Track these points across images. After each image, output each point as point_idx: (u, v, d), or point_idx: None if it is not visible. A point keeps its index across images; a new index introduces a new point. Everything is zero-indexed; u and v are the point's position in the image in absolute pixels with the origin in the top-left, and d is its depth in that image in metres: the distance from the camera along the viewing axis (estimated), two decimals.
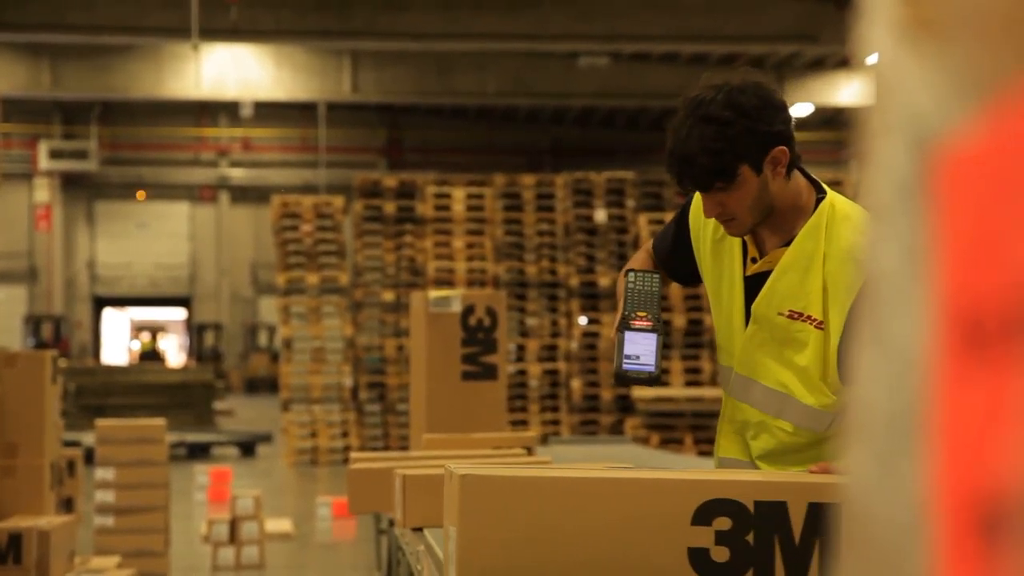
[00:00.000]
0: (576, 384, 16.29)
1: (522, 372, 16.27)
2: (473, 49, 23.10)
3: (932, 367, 0.48)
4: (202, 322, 35.19)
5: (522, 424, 15.94)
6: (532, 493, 2.24)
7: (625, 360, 2.88)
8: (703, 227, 3.14)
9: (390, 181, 17.02)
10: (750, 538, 1.81)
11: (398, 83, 25.74)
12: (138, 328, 38.53)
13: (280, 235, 16.95)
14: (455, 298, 6.80)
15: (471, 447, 5.98)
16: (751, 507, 1.80)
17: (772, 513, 1.78)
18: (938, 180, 0.49)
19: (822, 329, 2.90)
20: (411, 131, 32.37)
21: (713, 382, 15.58)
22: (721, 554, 1.82)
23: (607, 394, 16.10)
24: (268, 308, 33.50)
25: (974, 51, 0.49)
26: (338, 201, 17.23)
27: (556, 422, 16.13)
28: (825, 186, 3.02)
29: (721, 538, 1.82)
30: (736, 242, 3.07)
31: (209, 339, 34.81)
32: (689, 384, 15.92)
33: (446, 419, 6.75)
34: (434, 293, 6.85)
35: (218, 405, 21.39)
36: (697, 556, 1.81)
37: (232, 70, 25.16)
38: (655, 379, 2.89)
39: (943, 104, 0.50)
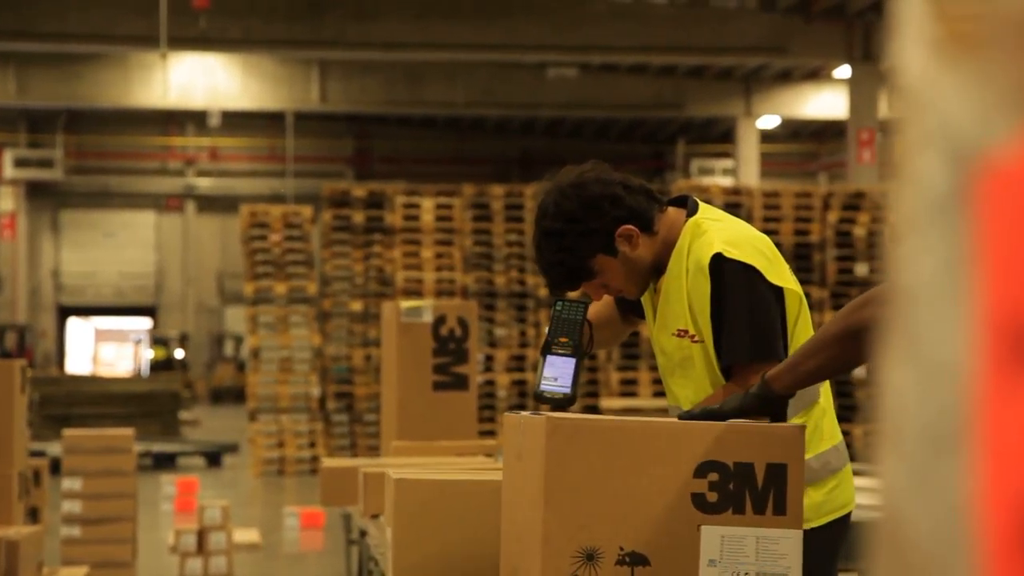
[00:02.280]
0: None
1: (490, 382, 16.26)
2: (442, 59, 23.11)
3: (974, 378, 0.49)
4: (163, 335, 35.02)
5: (490, 434, 15.92)
6: (462, 495, 2.75)
7: (544, 381, 3.14)
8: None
9: (359, 191, 17.00)
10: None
11: (367, 93, 25.72)
12: (128, 339, 38.27)
13: (248, 244, 16.90)
14: (427, 308, 6.80)
15: (435, 454, 6.17)
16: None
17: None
18: (977, 194, 0.50)
19: (698, 342, 3.11)
20: (379, 141, 32.34)
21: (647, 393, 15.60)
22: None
23: (575, 405, 16.10)
24: (234, 318, 33.38)
25: (1011, 67, 0.50)
26: (307, 211, 17.19)
27: None
28: (699, 202, 3.24)
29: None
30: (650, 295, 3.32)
31: (171, 350, 34.64)
32: (657, 395, 15.96)
33: (417, 428, 6.74)
34: (406, 303, 6.84)
35: (183, 415, 21.29)
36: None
37: (200, 79, 25.09)
38: (570, 400, 3.13)
39: (981, 119, 0.51)
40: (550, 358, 3.16)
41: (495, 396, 16.22)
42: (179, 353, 34.90)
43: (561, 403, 3.13)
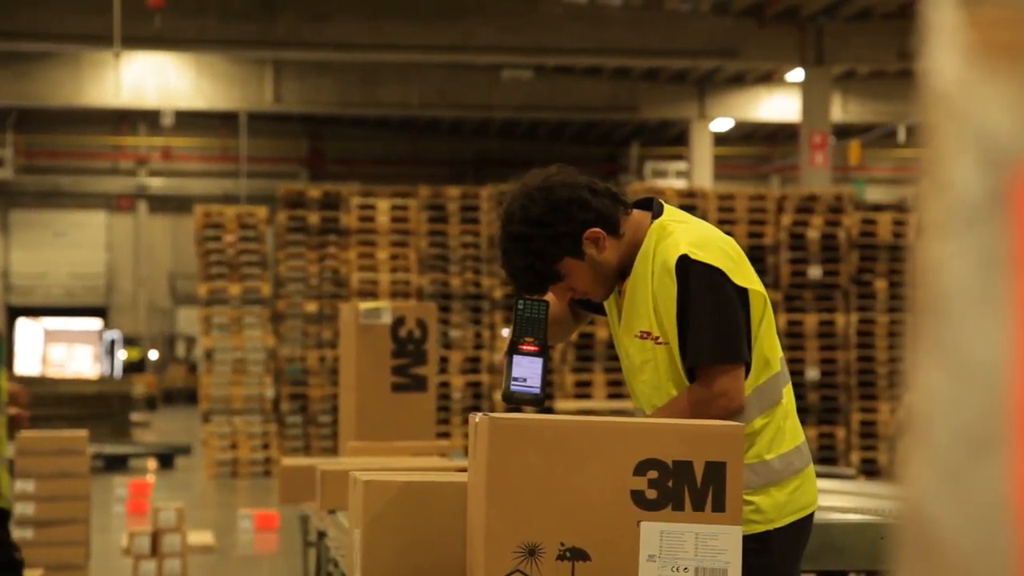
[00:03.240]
0: (499, 396, 16.29)
1: (445, 384, 16.25)
2: (397, 60, 23.08)
3: (1013, 380, 0.49)
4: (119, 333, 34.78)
5: (444, 436, 15.90)
6: (430, 496, 2.81)
7: (513, 382, 3.12)
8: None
9: (314, 192, 16.94)
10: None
11: (321, 93, 25.64)
12: (59, 338, 37.94)
13: (202, 245, 16.81)
14: (386, 310, 6.79)
15: (392, 454, 6.22)
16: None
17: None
18: (1014, 198, 0.50)
19: (662, 344, 3.13)
20: (333, 142, 32.25)
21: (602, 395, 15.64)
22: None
23: (529, 406, 16.11)
24: (186, 319, 33.18)
25: None
26: (261, 211, 17.12)
27: None
28: (664, 204, 3.25)
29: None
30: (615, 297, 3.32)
31: (122, 350, 34.42)
32: (612, 396, 15.99)
33: (376, 429, 6.73)
34: (365, 304, 6.83)
35: (134, 417, 21.15)
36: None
37: (152, 78, 24.93)
38: (540, 400, 3.14)
39: (1017, 125, 0.51)
40: (517, 358, 3.15)
41: (450, 398, 16.21)
42: (153, 354, 34.72)
43: (531, 403, 3.14)
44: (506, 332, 16.52)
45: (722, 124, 27.06)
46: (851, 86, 25.77)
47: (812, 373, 16.10)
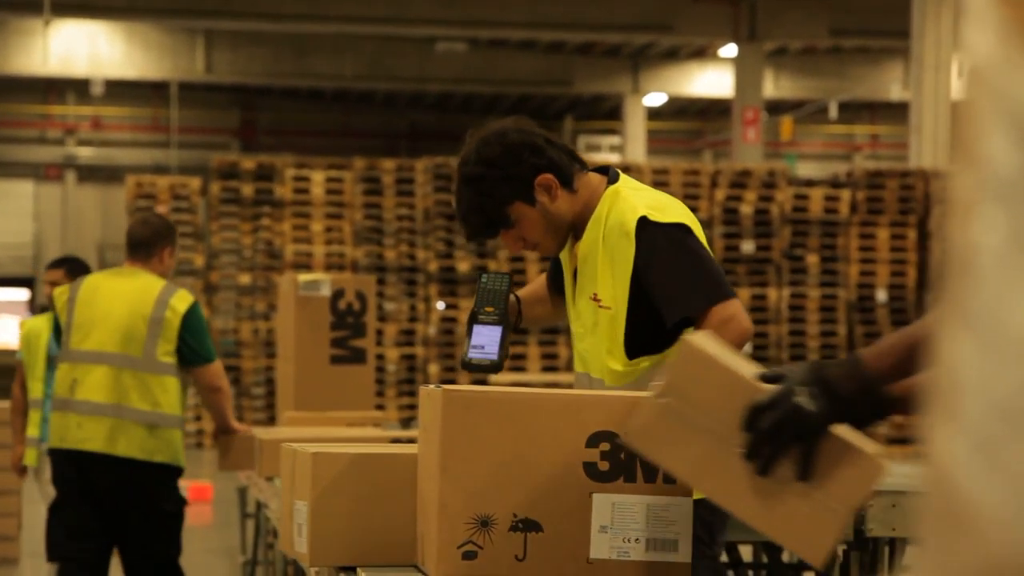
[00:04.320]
0: (433, 369, 16.29)
1: (380, 356, 16.21)
2: (330, 31, 22.92)
3: None
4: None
5: (380, 408, 15.89)
6: (379, 468, 2.87)
7: (472, 349, 3.22)
8: (567, 255, 3.36)
9: (248, 163, 16.82)
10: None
11: (253, 64, 25.43)
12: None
13: (134, 216, 16.63)
14: (325, 282, 6.77)
15: (327, 424, 6.25)
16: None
17: None
18: None
19: (605, 308, 3.14)
20: (265, 113, 31.98)
21: (569, 367, 15.72)
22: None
23: (465, 379, 16.13)
24: None
25: None
26: (194, 182, 16.97)
27: (413, 406, 16.12)
28: (620, 174, 3.27)
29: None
30: (566, 254, 3.33)
31: None
32: (546, 369, 16.05)
33: (314, 402, 6.72)
34: (304, 276, 6.81)
35: None
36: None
37: (82, 47, 24.60)
38: (497, 366, 3.21)
39: None
40: (477, 327, 3.22)
41: (384, 371, 16.19)
42: None
43: (488, 370, 3.20)
44: (441, 305, 16.53)
45: (655, 99, 27.13)
46: (783, 62, 25.93)
47: (745, 347, 16.22)
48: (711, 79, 26.18)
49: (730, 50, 23.14)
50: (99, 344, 5.44)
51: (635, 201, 3.15)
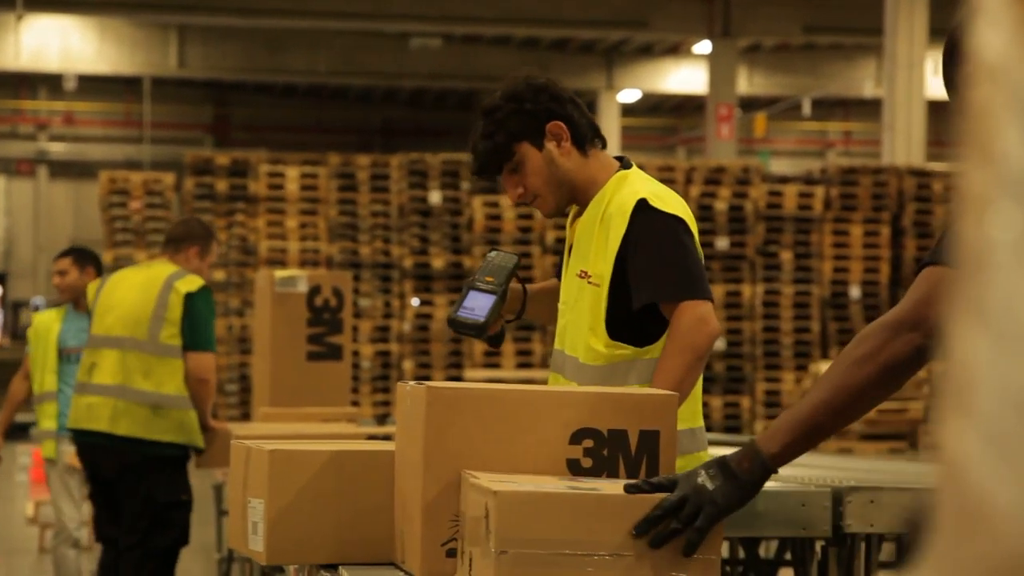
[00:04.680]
0: (408, 365, 16.28)
1: (355, 353, 16.19)
2: (304, 27, 22.86)
3: None
4: (18, 299, 34.21)
5: (354, 405, 15.87)
6: (343, 466, 2.82)
7: (461, 309, 3.19)
8: (568, 231, 3.35)
9: (222, 159, 16.76)
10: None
11: (226, 59, 25.35)
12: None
13: (107, 212, 16.58)
14: (301, 278, 6.76)
15: (302, 420, 6.25)
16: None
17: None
18: None
19: (593, 284, 3.13)
20: (239, 109, 31.88)
21: (544, 365, 15.73)
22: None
23: (439, 375, 16.12)
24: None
25: None
26: (168, 178, 16.91)
27: (387, 403, 16.11)
28: (635, 166, 3.27)
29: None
30: (567, 230, 3.32)
31: (25, 317, 33.87)
32: (520, 366, 16.05)
33: (290, 398, 6.71)
34: (280, 272, 6.79)
35: None
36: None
37: (54, 41, 24.48)
38: (482, 329, 3.18)
39: None
40: (472, 293, 3.21)
41: (359, 367, 16.16)
42: None
43: (474, 331, 3.18)
44: (416, 301, 16.51)
45: (630, 95, 27.16)
46: (757, 59, 25.98)
47: (718, 343, 16.26)
48: (685, 76, 26.22)
49: (704, 47, 23.18)
50: (110, 329, 5.64)
51: (640, 187, 3.15)
